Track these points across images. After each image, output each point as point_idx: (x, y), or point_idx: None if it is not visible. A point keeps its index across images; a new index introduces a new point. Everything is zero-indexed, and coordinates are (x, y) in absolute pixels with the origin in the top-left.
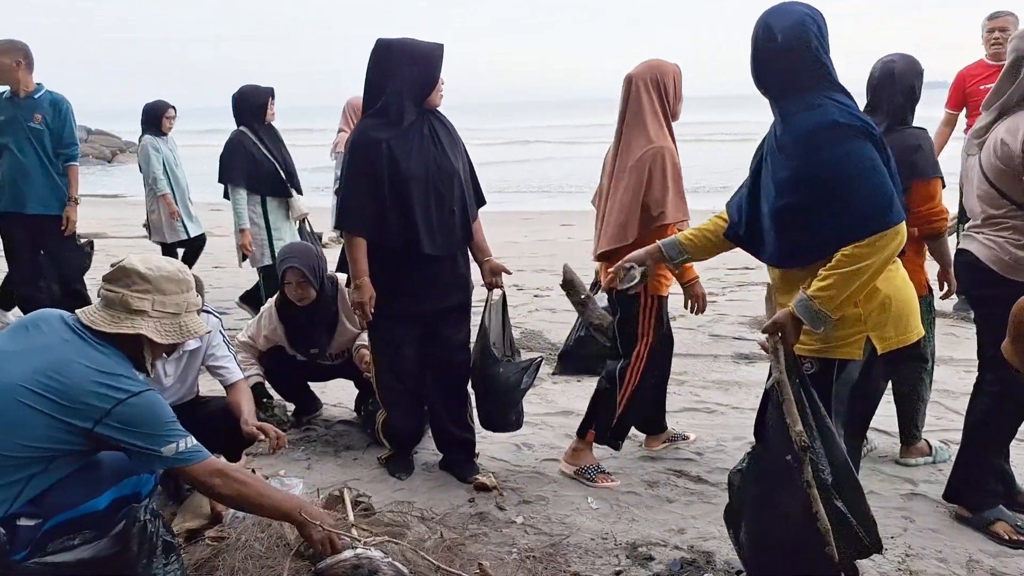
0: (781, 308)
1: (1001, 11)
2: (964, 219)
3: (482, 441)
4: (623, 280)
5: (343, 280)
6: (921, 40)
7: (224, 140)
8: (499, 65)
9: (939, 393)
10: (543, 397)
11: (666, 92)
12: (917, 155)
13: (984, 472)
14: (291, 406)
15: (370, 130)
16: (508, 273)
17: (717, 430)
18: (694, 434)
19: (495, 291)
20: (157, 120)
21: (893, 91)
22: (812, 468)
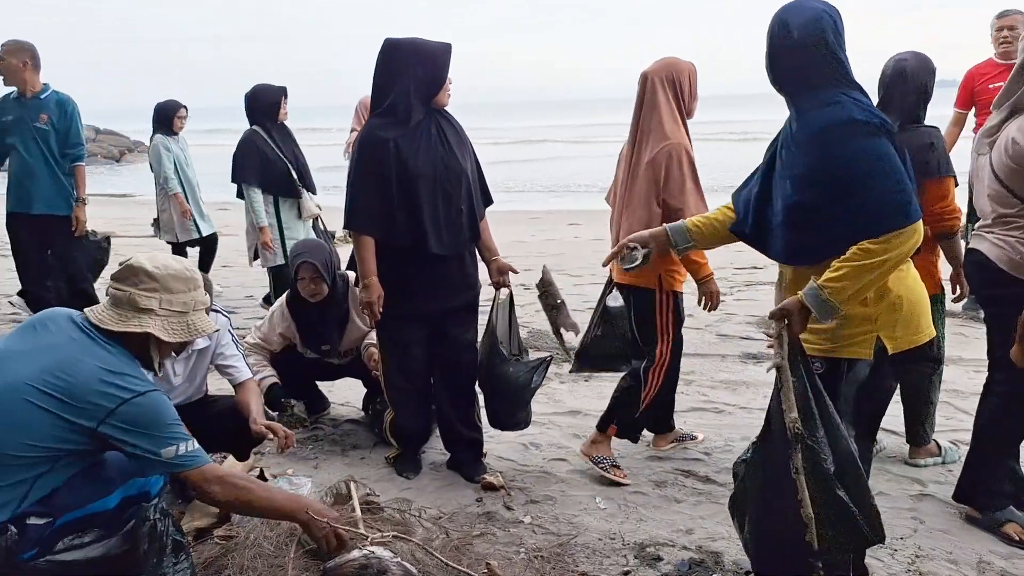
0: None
1: (1010, 9)
2: (973, 219)
3: (489, 441)
4: (624, 260)
5: (353, 278)
6: (921, 40)
7: (224, 140)
8: (499, 65)
9: (948, 393)
10: (550, 397)
11: (681, 90)
12: (930, 154)
13: (994, 473)
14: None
15: (378, 129)
16: (515, 272)
17: (725, 430)
18: (702, 434)
19: (502, 290)
20: (168, 120)
21: (905, 89)
22: (813, 457)
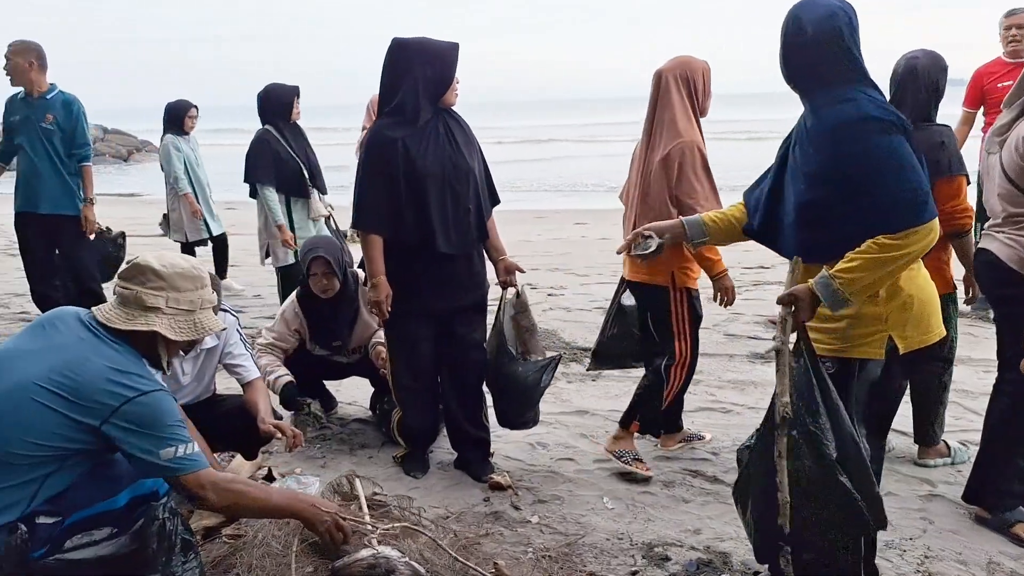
0: None
1: (1018, 8)
2: (983, 218)
3: (497, 440)
4: (638, 247)
5: (362, 277)
6: (921, 40)
7: (224, 139)
8: (499, 65)
9: (958, 393)
10: (558, 396)
11: (695, 88)
12: (941, 152)
13: (1004, 473)
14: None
15: (386, 129)
16: (522, 272)
17: (733, 430)
18: (710, 434)
19: (509, 290)
20: (179, 119)
21: (917, 87)
22: (815, 442)
